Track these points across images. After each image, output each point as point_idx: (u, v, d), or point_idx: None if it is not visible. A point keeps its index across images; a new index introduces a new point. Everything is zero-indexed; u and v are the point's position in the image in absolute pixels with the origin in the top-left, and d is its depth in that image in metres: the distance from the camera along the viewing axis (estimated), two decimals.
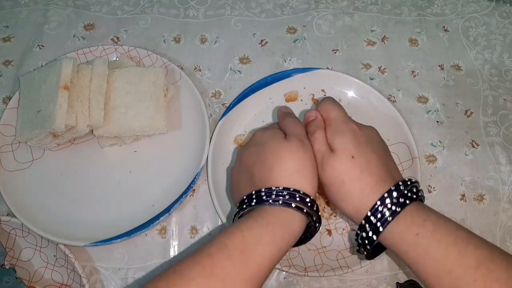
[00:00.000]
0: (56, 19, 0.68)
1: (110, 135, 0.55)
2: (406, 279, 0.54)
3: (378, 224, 0.39)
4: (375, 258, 0.45)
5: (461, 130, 0.62)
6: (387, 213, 0.39)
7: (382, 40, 0.68)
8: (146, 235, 0.55)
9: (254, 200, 0.41)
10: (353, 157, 0.42)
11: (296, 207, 0.40)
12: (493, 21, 0.71)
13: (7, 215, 0.53)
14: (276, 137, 0.45)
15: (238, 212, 0.42)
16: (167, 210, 0.52)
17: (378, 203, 0.40)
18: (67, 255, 0.50)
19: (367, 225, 0.40)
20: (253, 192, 0.42)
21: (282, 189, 0.40)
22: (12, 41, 0.66)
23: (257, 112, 0.60)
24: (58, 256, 0.52)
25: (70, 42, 0.66)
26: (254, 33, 0.67)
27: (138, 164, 0.57)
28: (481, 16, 0.71)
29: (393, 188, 0.40)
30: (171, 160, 0.57)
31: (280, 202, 0.40)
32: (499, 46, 0.69)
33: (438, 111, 0.63)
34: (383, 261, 0.54)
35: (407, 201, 0.40)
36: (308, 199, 0.41)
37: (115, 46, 0.62)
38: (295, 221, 0.41)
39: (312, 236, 0.45)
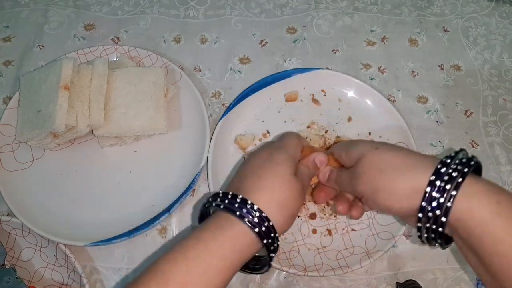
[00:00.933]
0: (56, 19, 0.68)
1: (110, 135, 0.55)
2: (406, 279, 0.54)
3: (437, 212, 0.33)
4: (448, 246, 0.38)
5: (461, 130, 0.62)
6: (442, 199, 0.33)
7: (382, 40, 0.68)
8: (146, 235, 0.55)
9: (226, 202, 0.38)
10: (377, 148, 0.39)
11: (259, 232, 0.37)
12: (493, 21, 0.71)
13: (7, 215, 0.53)
14: (285, 165, 0.42)
15: (208, 206, 0.40)
16: (167, 210, 0.52)
17: (428, 189, 0.34)
18: (67, 255, 0.50)
19: (429, 208, 0.34)
20: (230, 195, 0.39)
21: (256, 208, 0.37)
22: (12, 41, 0.66)
23: (257, 112, 0.60)
24: (58, 256, 0.52)
25: (70, 42, 0.66)
26: (254, 33, 0.67)
27: (138, 164, 0.57)
28: (481, 16, 0.71)
29: (439, 166, 0.34)
30: (171, 160, 0.57)
31: (246, 220, 0.37)
32: (498, 46, 0.69)
33: (438, 111, 0.63)
34: (383, 261, 0.55)
35: (466, 169, 0.33)
36: (273, 233, 0.38)
37: (115, 46, 0.62)
38: (252, 247, 0.38)
39: (261, 271, 0.41)
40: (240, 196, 0.38)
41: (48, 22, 0.67)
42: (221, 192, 0.40)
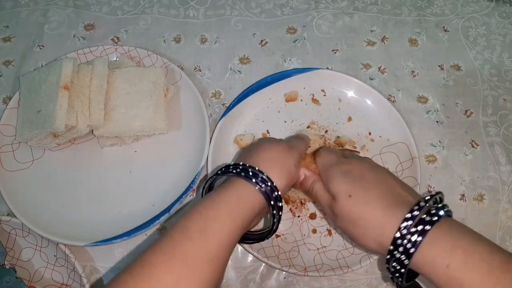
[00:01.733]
0: (56, 19, 0.68)
1: (110, 135, 0.55)
2: None
3: (403, 257, 0.37)
4: (409, 283, 0.41)
5: (461, 130, 0.62)
6: (409, 245, 0.36)
7: (382, 40, 0.68)
8: (146, 235, 0.55)
9: (223, 169, 0.43)
10: (350, 196, 0.40)
11: (256, 184, 0.41)
12: (493, 21, 0.71)
13: (7, 215, 0.53)
14: (282, 144, 0.46)
15: (212, 179, 0.44)
16: (167, 210, 0.52)
17: (397, 235, 0.37)
18: (67, 255, 0.50)
19: (392, 260, 0.38)
20: (231, 165, 0.43)
21: (248, 166, 0.42)
22: (12, 41, 0.66)
23: (257, 112, 0.60)
24: (58, 256, 0.52)
25: (70, 42, 0.66)
26: (254, 33, 0.67)
27: (138, 164, 0.57)
28: (481, 16, 0.71)
29: (408, 216, 0.37)
30: (171, 160, 0.57)
31: (243, 174, 0.41)
32: (498, 46, 0.69)
33: (438, 111, 0.63)
34: (383, 261, 0.54)
35: (427, 227, 0.36)
36: (269, 183, 0.41)
37: (115, 46, 0.62)
38: (252, 198, 0.41)
39: (272, 230, 0.45)
40: (241, 163, 0.42)
41: (48, 22, 0.67)
42: (223, 167, 0.43)
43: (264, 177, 0.41)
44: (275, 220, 0.43)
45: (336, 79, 0.61)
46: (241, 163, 0.42)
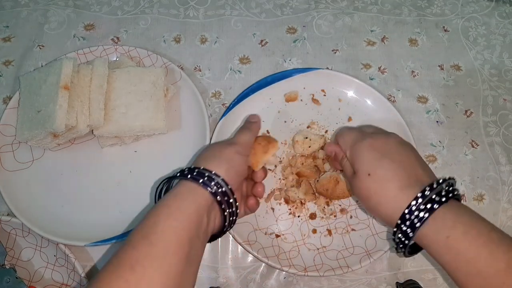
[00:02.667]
0: (56, 19, 0.68)
1: (110, 135, 0.55)
2: (406, 279, 0.54)
3: (409, 230, 0.40)
4: (414, 256, 0.45)
5: (461, 130, 0.62)
6: (416, 220, 0.40)
7: (382, 40, 0.68)
8: None
9: (178, 174, 0.43)
10: (369, 174, 0.43)
11: (194, 179, 0.42)
12: (493, 21, 0.71)
13: (7, 215, 0.53)
14: (222, 141, 0.50)
15: (161, 188, 0.45)
16: None
17: (406, 211, 0.40)
18: (67, 255, 0.50)
19: (398, 232, 0.41)
20: (185, 169, 0.44)
21: (193, 168, 0.43)
22: (12, 41, 0.66)
23: (257, 112, 0.60)
24: (58, 256, 0.52)
25: (70, 42, 0.66)
26: (254, 33, 0.67)
27: (138, 164, 0.57)
28: (481, 16, 0.71)
29: (419, 195, 0.40)
30: (171, 160, 0.57)
31: (188, 177, 0.42)
32: (498, 46, 0.69)
33: (438, 111, 0.63)
34: (383, 261, 0.55)
35: (435, 205, 0.39)
36: (215, 178, 0.42)
37: (115, 46, 0.62)
38: (194, 195, 0.41)
39: (224, 226, 0.44)
40: (187, 168, 0.43)
41: (48, 22, 0.67)
42: (186, 168, 0.44)
43: (200, 171, 0.42)
44: (225, 214, 0.43)
45: (336, 79, 0.61)
46: (185, 167, 0.44)
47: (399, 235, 0.41)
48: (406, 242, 0.41)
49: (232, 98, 0.60)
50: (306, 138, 0.57)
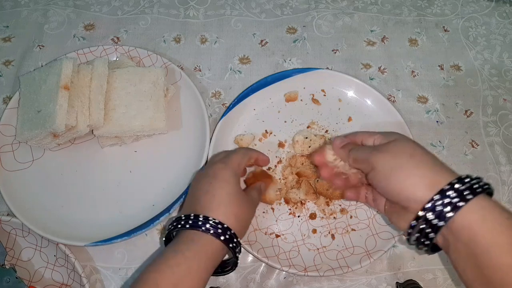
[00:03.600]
0: (56, 19, 0.68)
1: (110, 135, 0.55)
2: (406, 279, 0.54)
3: (435, 221, 0.36)
4: (435, 253, 0.41)
5: (461, 130, 0.62)
6: (448, 208, 0.36)
7: (382, 40, 0.68)
8: (146, 235, 0.55)
9: (190, 223, 0.43)
10: (414, 144, 0.41)
11: (224, 240, 0.43)
12: (493, 21, 0.71)
13: (7, 215, 0.53)
14: (231, 182, 0.46)
15: (172, 229, 0.44)
16: (167, 210, 0.52)
17: (437, 197, 0.36)
18: (67, 255, 0.50)
19: (429, 213, 0.36)
20: (192, 216, 0.43)
21: (217, 222, 0.43)
22: (12, 41, 0.66)
23: (257, 112, 0.60)
24: (58, 256, 0.52)
25: (70, 42, 0.66)
26: (254, 33, 0.67)
27: (138, 164, 0.57)
28: (481, 16, 0.71)
29: (455, 181, 0.36)
30: (171, 160, 0.57)
31: (212, 232, 0.42)
32: (498, 46, 0.69)
33: (438, 111, 0.63)
34: (383, 261, 0.55)
35: (471, 196, 0.36)
36: (235, 239, 0.44)
37: (115, 46, 0.62)
38: (220, 253, 0.43)
39: (231, 270, 0.47)
40: (202, 216, 0.43)
41: (48, 22, 0.67)
42: (183, 215, 0.44)
43: (214, 223, 0.43)
44: (236, 255, 0.45)
45: (336, 79, 0.61)
46: (191, 215, 0.43)
47: (422, 226, 0.37)
48: (431, 235, 0.37)
49: (232, 98, 0.60)
50: (306, 138, 0.57)
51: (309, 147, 0.56)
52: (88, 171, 0.57)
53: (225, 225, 0.43)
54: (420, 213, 0.37)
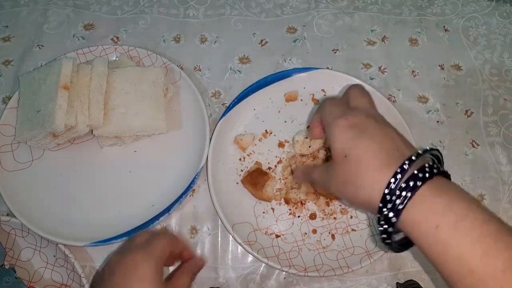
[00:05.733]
0: (56, 19, 0.68)
1: (110, 135, 0.55)
2: (406, 279, 0.54)
3: (391, 214, 0.34)
4: (403, 251, 0.39)
5: (461, 130, 0.62)
6: (398, 202, 0.34)
7: (382, 40, 0.68)
8: None
9: None
10: (346, 156, 0.37)
11: None
12: (493, 21, 0.71)
13: (7, 215, 0.53)
14: (152, 280, 0.39)
15: None
16: (167, 210, 0.52)
17: (386, 191, 0.34)
18: (67, 255, 0.50)
19: (382, 218, 0.35)
20: None
21: None
22: (12, 41, 0.66)
23: (257, 112, 0.60)
24: (58, 256, 0.52)
25: (70, 42, 0.66)
26: (254, 33, 0.67)
27: (138, 164, 0.57)
28: (481, 16, 0.71)
29: (398, 170, 0.34)
30: (171, 160, 0.57)
31: None
32: (499, 46, 0.69)
33: (438, 111, 0.63)
34: (383, 261, 0.54)
35: (418, 182, 0.33)
36: None
37: (115, 46, 0.62)
38: None
39: None
40: None
41: (47, 21, 0.67)
42: None
43: None
44: None
45: (336, 79, 0.61)
46: None
47: (382, 222, 0.35)
48: (390, 230, 0.35)
49: (232, 98, 0.60)
50: (306, 138, 0.57)
51: (309, 147, 0.56)
52: (87, 171, 0.57)
53: None
54: (378, 217, 0.35)
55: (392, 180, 0.34)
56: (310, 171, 0.44)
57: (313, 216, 0.55)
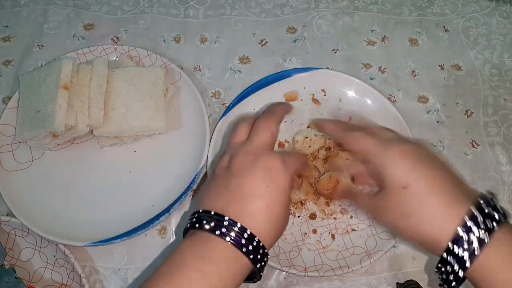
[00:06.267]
0: (55, 19, 0.68)
1: (110, 135, 0.55)
2: (406, 279, 0.53)
3: (465, 255, 0.32)
4: None
5: (461, 130, 0.62)
6: (475, 243, 0.31)
7: (382, 40, 0.68)
8: (146, 235, 0.55)
9: (212, 224, 0.35)
10: (404, 187, 0.35)
11: (247, 252, 0.35)
12: (493, 21, 0.71)
13: (7, 215, 0.52)
14: (287, 185, 0.38)
15: (191, 226, 0.37)
16: (167, 210, 0.52)
17: (460, 230, 0.32)
18: (66, 255, 0.50)
19: (451, 258, 0.33)
20: (213, 213, 0.36)
21: (244, 230, 0.35)
22: (12, 41, 0.66)
23: (257, 112, 0.60)
24: (58, 256, 0.52)
25: (70, 42, 0.66)
26: (254, 33, 0.67)
27: (138, 164, 0.57)
28: (481, 16, 0.71)
29: (473, 209, 0.32)
30: (171, 160, 0.57)
31: (235, 242, 0.35)
32: (499, 46, 0.69)
33: (438, 111, 0.63)
34: (383, 261, 0.54)
35: (494, 224, 0.32)
36: (262, 250, 0.36)
37: (115, 46, 0.62)
38: (242, 266, 0.35)
39: (258, 279, 0.39)
40: (226, 217, 0.35)
41: (47, 21, 0.67)
42: (205, 213, 0.37)
43: (247, 235, 0.35)
44: (261, 273, 0.38)
45: (336, 79, 0.61)
46: (226, 218, 0.35)
47: (452, 262, 0.32)
48: (460, 273, 0.32)
49: (232, 98, 0.60)
50: (306, 138, 0.57)
51: (309, 147, 0.56)
52: (87, 171, 0.57)
53: (257, 239, 0.35)
54: (444, 255, 0.33)
55: (466, 217, 0.32)
56: (353, 196, 0.42)
57: (313, 216, 0.55)
